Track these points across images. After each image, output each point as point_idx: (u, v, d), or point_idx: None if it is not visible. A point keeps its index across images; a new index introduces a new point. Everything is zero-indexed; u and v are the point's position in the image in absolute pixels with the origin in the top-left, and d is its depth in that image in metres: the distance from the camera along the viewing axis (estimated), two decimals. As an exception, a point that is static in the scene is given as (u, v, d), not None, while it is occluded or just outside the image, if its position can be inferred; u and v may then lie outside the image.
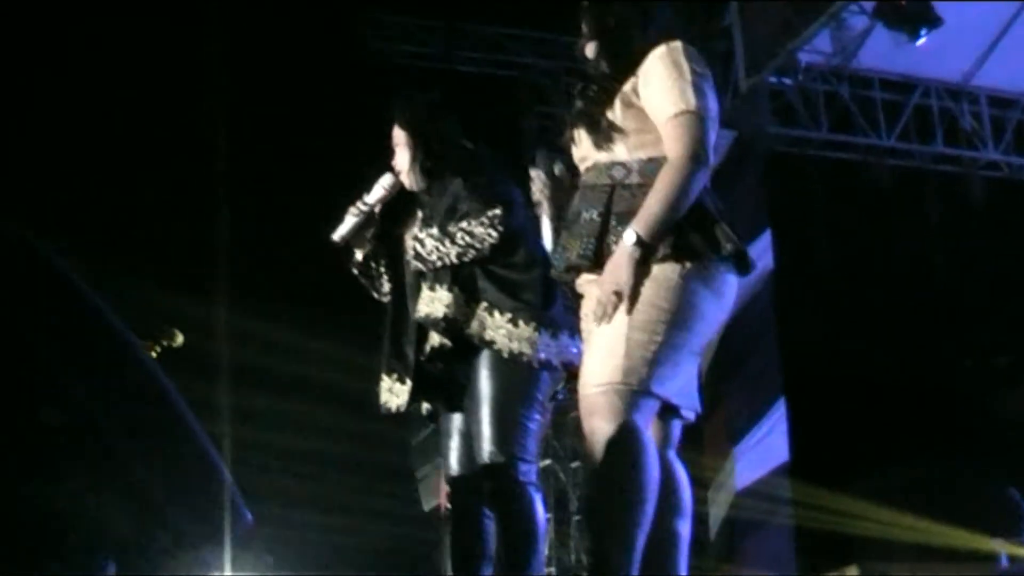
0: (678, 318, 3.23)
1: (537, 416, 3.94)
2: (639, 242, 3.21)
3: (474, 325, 3.88)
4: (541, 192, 3.63)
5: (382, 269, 4.28)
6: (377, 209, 4.25)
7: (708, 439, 10.20)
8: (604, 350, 3.23)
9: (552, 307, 3.91)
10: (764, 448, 10.18)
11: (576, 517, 12.10)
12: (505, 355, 3.83)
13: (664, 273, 3.24)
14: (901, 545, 11.71)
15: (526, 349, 3.83)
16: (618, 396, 3.17)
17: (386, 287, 4.26)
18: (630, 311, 3.20)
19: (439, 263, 3.93)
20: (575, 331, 3.80)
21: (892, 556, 11.71)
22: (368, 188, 4.25)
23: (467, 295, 3.91)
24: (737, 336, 10.24)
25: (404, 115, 4.23)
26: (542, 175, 3.62)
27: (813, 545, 10.93)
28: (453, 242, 3.91)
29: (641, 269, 3.22)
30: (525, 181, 3.78)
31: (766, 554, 9.97)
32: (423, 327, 3.99)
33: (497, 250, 3.91)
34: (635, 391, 3.17)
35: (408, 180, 4.21)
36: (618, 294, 3.21)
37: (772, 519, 10.03)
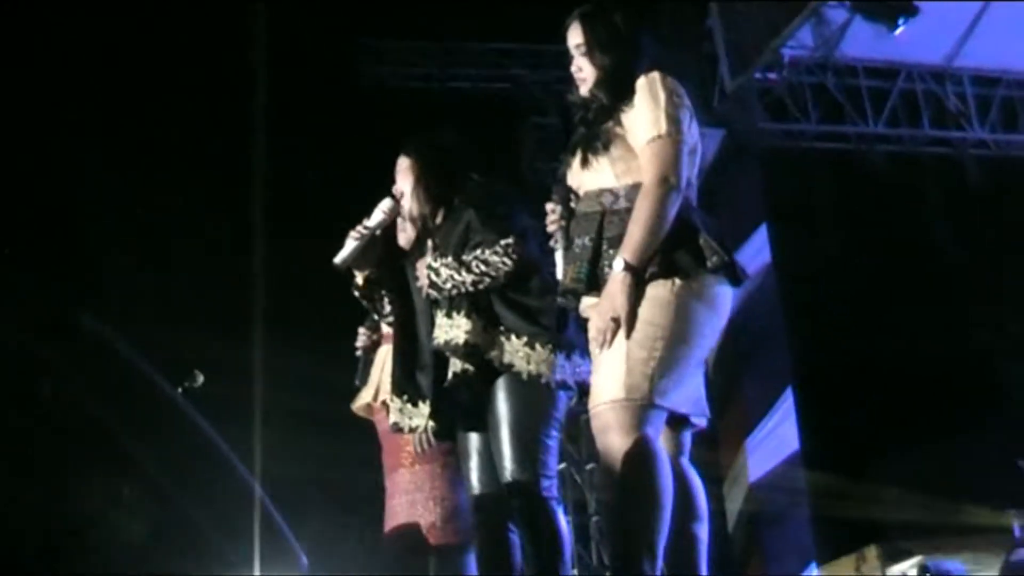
0: (674, 333, 3.39)
1: (555, 434, 4.04)
2: (627, 267, 3.40)
3: (493, 350, 3.98)
4: (557, 224, 3.72)
5: (383, 292, 4.42)
6: (378, 233, 4.36)
7: (723, 435, 10.35)
8: (608, 370, 3.41)
9: (566, 329, 4.00)
10: (775, 439, 10.31)
11: (594, 518, 12.24)
12: (524, 377, 3.93)
13: (657, 292, 3.41)
14: (919, 523, 11.83)
15: (544, 371, 3.93)
16: (626, 411, 3.34)
17: (387, 308, 4.41)
18: (628, 333, 3.39)
19: (454, 291, 4.02)
20: (587, 351, 3.89)
21: (910, 534, 11.83)
22: (368, 212, 4.35)
23: (485, 321, 3.99)
24: (746, 331, 10.41)
25: (413, 144, 4.36)
26: (558, 208, 3.72)
27: (832, 531, 11.07)
28: (469, 271, 4.00)
29: (635, 292, 3.41)
30: (532, 204, 3.90)
31: (786, 543, 10.12)
32: (439, 353, 4.08)
33: (512, 278, 4.01)
34: (640, 405, 3.34)
35: (410, 205, 4.31)
36: (615, 320, 3.40)
37: (789, 509, 10.17)
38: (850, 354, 13.23)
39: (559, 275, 3.70)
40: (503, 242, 4.01)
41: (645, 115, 3.52)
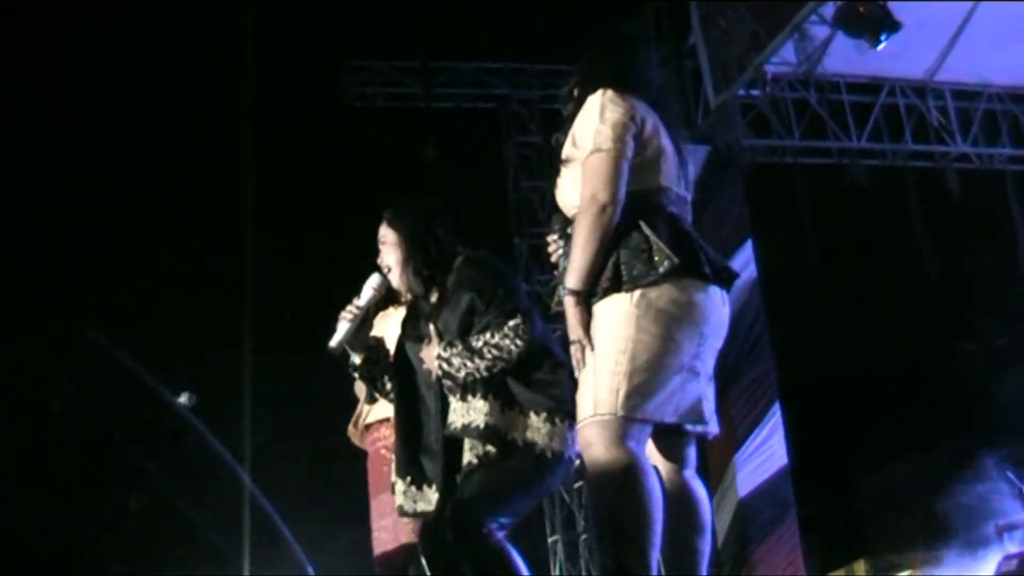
0: (638, 344, 3.36)
1: (531, 501, 4.05)
2: (569, 291, 3.43)
3: (515, 430, 3.91)
4: (557, 254, 3.73)
5: (383, 370, 4.31)
6: (370, 311, 4.30)
7: (711, 450, 10.34)
8: (583, 389, 3.43)
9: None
10: (764, 454, 10.33)
11: (583, 536, 12.26)
12: (549, 455, 3.87)
13: (619, 305, 3.39)
14: (907, 536, 11.87)
15: (567, 447, 3.90)
16: (601, 427, 3.34)
17: (388, 386, 4.30)
18: (595, 351, 3.39)
19: (469, 378, 3.95)
20: None
21: (899, 548, 11.87)
22: (357, 291, 4.27)
23: (502, 401, 3.93)
24: (732, 346, 10.42)
25: (399, 220, 4.26)
26: (557, 238, 3.74)
27: (821, 545, 11.11)
28: (481, 357, 3.93)
29: (599, 305, 3.41)
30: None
31: (775, 558, 10.12)
32: (450, 438, 3.99)
33: (523, 357, 3.96)
34: (613, 419, 3.33)
35: (398, 282, 4.26)
36: (578, 344, 3.43)
37: (778, 523, 10.18)
38: (837, 368, 13.31)
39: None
40: (511, 323, 3.95)
41: (587, 131, 3.52)
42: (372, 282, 4.28)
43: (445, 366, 3.98)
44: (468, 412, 3.93)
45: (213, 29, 10.58)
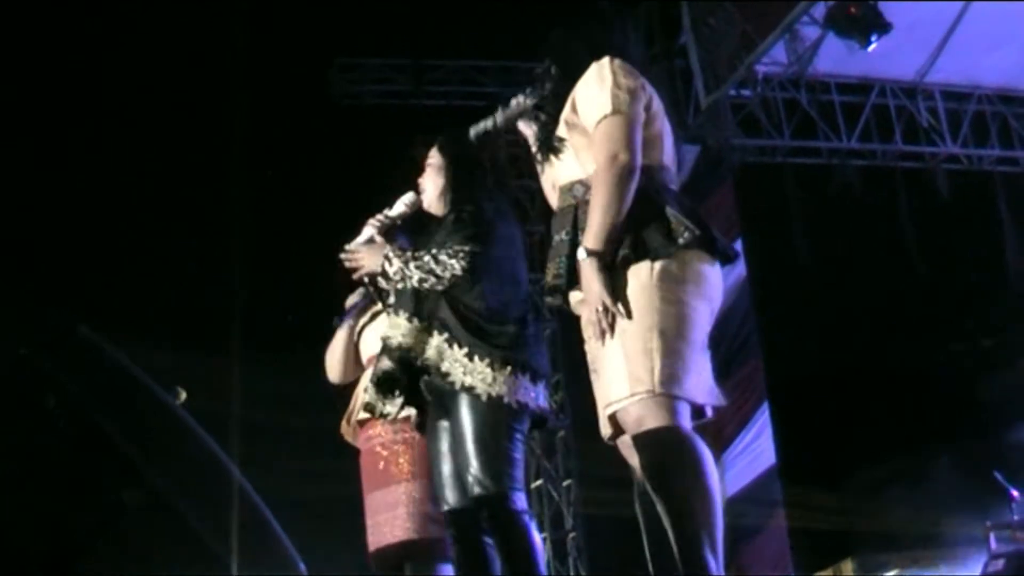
0: (665, 318, 3.25)
1: (521, 446, 4.01)
2: (589, 253, 3.31)
3: (431, 353, 3.97)
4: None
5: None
6: (398, 223, 4.36)
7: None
8: (612, 371, 3.28)
9: (519, 350, 3.98)
10: (752, 453, 10.37)
11: (572, 534, 12.26)
12: (457, 387, 3.90)
13: (638, 279, 3.30)
14: (895, 536, 11.91)
15: (478, 384, 3.89)
16: (649, 405, 3.20)
17: (392, 299, 4.35)
18: (626, 314, 3.26)
19: (399, 284, 4.06)
20: (539, 377, 3.98)
21: (887, 547, 11.90)
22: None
23: (426, 324, 4.01)
24: (721, 344, 10.47)
25: (449, 145, 4.33)
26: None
27: (809, 544, 11.12)
28: (418, 266, 4.02)
29: (618, 276, 3.30)
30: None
31: (763, 558, 10.16)
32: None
33: (459, 285, 4.00)
34: (661, 396, 3.19)
35: (430, 203, 4.32)
36: (604, 307, 3.29)
37: (766, 522, 10.22)
38: (825, 368, 13.33)
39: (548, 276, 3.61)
40: (458, 247, 4.00)
41: (593, 97, 3.46)
42: (406, 198, 4.37)
43: (386, 265, 4.10)
44: (392, 327, 4.06)
45: (203, 26, 10.58)
